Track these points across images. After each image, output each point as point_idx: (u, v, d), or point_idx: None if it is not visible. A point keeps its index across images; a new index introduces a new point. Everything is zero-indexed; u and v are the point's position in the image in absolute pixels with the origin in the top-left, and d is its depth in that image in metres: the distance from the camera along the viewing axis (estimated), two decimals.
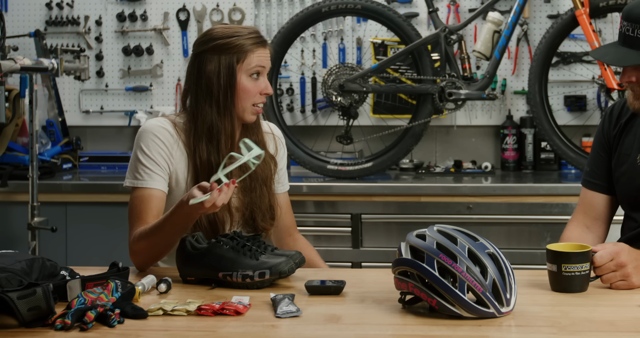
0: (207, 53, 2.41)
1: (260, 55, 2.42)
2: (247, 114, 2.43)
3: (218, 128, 2.40)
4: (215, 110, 2.40)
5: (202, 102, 2.42)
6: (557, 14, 4.18)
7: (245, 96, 2.41)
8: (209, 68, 2.41)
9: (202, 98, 2.42)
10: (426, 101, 3.94)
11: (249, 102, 2.42)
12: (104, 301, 1.85)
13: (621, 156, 2.43)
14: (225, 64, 2.40)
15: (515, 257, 3.50)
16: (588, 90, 4.19)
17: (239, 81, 2.40)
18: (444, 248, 1.84)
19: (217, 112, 2.40)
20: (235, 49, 2.39)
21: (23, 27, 4.44)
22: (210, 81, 2.40)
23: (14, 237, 3.88)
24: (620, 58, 2.28)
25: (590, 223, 2.48)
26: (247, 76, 2.41)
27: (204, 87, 2.41)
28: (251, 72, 2.41)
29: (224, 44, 2.40)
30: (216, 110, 2.40)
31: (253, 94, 2.42)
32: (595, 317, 1.85)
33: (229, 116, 2.41)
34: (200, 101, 2.42)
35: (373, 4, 3.93)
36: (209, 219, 2.38)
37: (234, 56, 2.40)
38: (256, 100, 2.43)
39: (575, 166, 3.90)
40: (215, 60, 2.40)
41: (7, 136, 4.08)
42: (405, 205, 3.74)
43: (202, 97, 2.42)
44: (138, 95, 4.44)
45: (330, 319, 1.86)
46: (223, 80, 2.40)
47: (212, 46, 2.41)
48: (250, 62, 2.40)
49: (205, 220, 2.38)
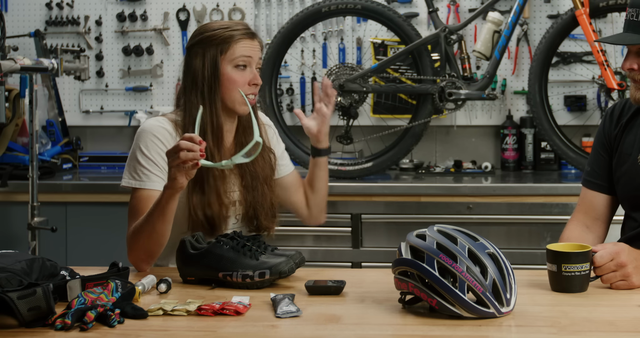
0: (194, 47, 2.44)
1: (245, 45, 2.42)
2: (238, 105, 2.43)
3: (204, 120, 2.40)
4: (200, 101, 2.41)
5: (189, 95, 2.44)
6: (557, 14, 4.18)
7: (231, 86, 2.41)
8: (195, 61, 2.43)
9: (189, 91, 2.44)
10: (426, 101, 3.94)
11: (237, 93, 2.42)
12: (104, 301, 1.85)
13: (622, 155, 2.43)
14: (209, 56, 2.41)
15: (515, 257, 3.50)
16: (588, 90, 4.19)
17: (223, 72, 2.41)
18: (444, 248, 1.84)
19: (202, 104, 2.40)
20: (219, 41, 2.41)
21: (23, 27, 4.44)
22: (196, 73, 2.43)
23: (14, 237, 3.88)
24: (623, 39, 2.29)
25: (590, 223, 2.48)
26: (232, 67, 2.42)
27: (190, 80, 2.43)
28: (236, 63, 2.41)
29: (209, 36, 2.42)
30: (202, 101, 2.41)
31: (240, 85, 2.42)
32: (595, 317, 1.85)
33: (214, 107, 2.41)
34: (188, 94, 2.44)
35: (373, 4, 3.93)
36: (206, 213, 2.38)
37: (217, 48, 2.41)
38: (246, 90, 2.42)
39: (575, 166, 3.90)
40: (200, 53, 2.42)
41: (7, 136, 4.08)
42: (405, 205, 3.74)
43: (189, 91, 2.44)
44: (138, 95, 4.44)
45: (330, 319, 1.86)
46: (207, 72, 2.41)
47: (198, 40, 2.44)
48: (234, 53, 2.41)
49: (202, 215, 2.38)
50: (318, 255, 3.73)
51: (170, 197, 2.22)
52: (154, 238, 2.28)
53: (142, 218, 2.29)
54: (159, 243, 2.30)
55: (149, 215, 2.26)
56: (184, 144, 2.11)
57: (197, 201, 2.39)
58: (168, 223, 2.27)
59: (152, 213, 2.25)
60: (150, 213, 2.26)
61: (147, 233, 2.27)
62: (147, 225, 2.26)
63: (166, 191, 2.21)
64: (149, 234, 2.27)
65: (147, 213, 2.27)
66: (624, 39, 2.30)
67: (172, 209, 2.25)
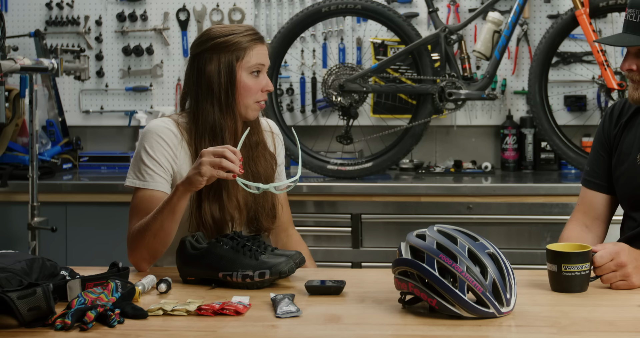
0: (206, 53, 2.42)
1: (259, 52, 2.43)
2: (250, 111, 2.44)
3: (221, 126, 2.41)
4: (217, 108, 2.41)
5: (203, 102, 2.42)
6: (557, 14, 4.18)
7: (246, 93, 2.42)
8: (209, 68, 2.41)
9: (204, 98, 2.42)
10: (426, 101, 3.94)
11: (251, 100, 2.43)
12: (104, 301, 1.85)
13: (621, 155, 2.43)
14: (225, 63, 2.40)
15: (515, 257, 3.50)
16: (588, 90, 4.19)
17: (239, 79, 2.41)
18: (444, 248, 1.84)
19: (219, 110, 2.41)
20: (234, 47, 2.40)
21: (23, 27, 4.44)
22: (210, 80, 2.41)
23: (14, 237, 3.88)
24: (622, 40, 2.29)
25: (590, 223, 2.48)
26: (248, 74, 2.42)
27: (204, 87, 2.42)
28: (252, 70, 2.42)
29: (222, 42, 2.40)
30: (218, 108, 2.41)
31: (254, 92, 2.43)
32: (595, 317, 1.85)
33: (231, 113, 2.42)
34: (202, 100, 2.42)
35: (373, 4, 3.93)
36: (215, 218, 2.38)
37: (233, 54, 2.40)
38: (258, 97, 2.44)
39: (575, 166, 3.90)
40: (214, 59, 2.41)
41: (7, 136, 4.08)
42: (405, 205, 3.74)
43: (203, 97, 2.42)
44: (138, 95, 4.44)
45: (330, 319, 1.86)
46: (224, 78, 2.40)
47: (210, 46, 2.41)
48: (250, 60, 2.41)
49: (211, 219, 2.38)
50: (318, 255, 3.72)
51: (183, 195, 2.23)
52: (161, 237, 2.28)
53: (150, 216, 2.29)
54: (164, 243, 2.30)
55: (158, 212, 2.26)
56: (229, 153, 2.16)
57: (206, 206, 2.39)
58: (176, 222, 2.27)
59: (162, 210, 2.26)
60: (159, 210, 2.26)
61: (154, 231, 2.27)
62: (154, 223, 2.27)
63: (180, 188, 2.22)
64: (156, 232, 2.27)
65: (156, 211, 2.27)
66: (622, 40, 2.30)
67: (182, 208, 2.26)
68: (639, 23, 2.25)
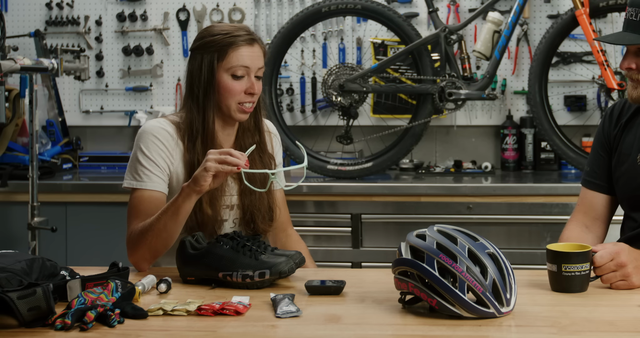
0: (195, 51, 2.43)
1: (244, 54, 2.38)
2: (235, 112, 2.42)
3: (197, 126, 2.40)
4: (195, 108, 2.41)
5: (187, 100, 2.43)
6: (557, 14, 4.18)
7: (227, 94, 2.39)
8: (193, 66, 2.42)
9: (187, 96, 2.44)
10: (426, 101, 3.94)
11: (233, 101, 2.40)
12: (104, 301, 1.85)
13: (621, 155, 2.43)
14: (206, 62, 2.39)
15: (515, 257, 3.50)
16: (588, 90, 4.19)
17: (218, 80, 2.39)
18: (444, 248, 1.84)
19: (196, 110, 2.40)
20: (217, 47, 2.38)
21: (23, 27, 4.44)
22: (192, 79, 2.41)
23: (14, 237, 3.88)
24: (622, 38, 2.29)
25: (590, 223, 2.48)
26: (228, 75, 2.39)
27: (188, 85, 2.43)
28: (232, 72, 2.38)
29: (208, 42, 2.39)
30: (196, 108, 2.40)
31: (235, 93, 2.39)
32: (595, 317, 1.85)
33: (210, 114, 2.40)
34: (186, 98, 2.44)
35: (373, 4, 3.93)
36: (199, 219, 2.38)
37: (214, 54, 2.38)
38: (241, 99, 2.40)
39: (575, 166, 3.90)
40: (198, 58, 2.41)
41: (7, 136, 4.08)
42: (405, 205, 3.74)
43: (187, 96, 2.44)
44: (138, 95, 4.44)
45: (330, 319, 1.86)
46: (203, 78, 2.39)
47: (198, 44, 2.42)
48: (230, 61, 2.38)
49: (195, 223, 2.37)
50: (318, 255, 3.72)
51: (188, 196, 2.22)
52: (163, 237, 2.28)
53: (154, 217, 2.28)
54: (165, 244, 2.30)
55: (162, 213, 2.26)
56: (234, 152, 2.16)
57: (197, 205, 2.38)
58: (180, 223, 2.27)
59: (166, 211, 2.25)
60: (164, 211, 2.26)
61: (156, 231, 2.27)
62: (158, 223, 2.26)
63: (185, 188, 2.22)
64: (158, 232, 2.27)
65: (161, 211, 2.27)
66: (622, 39, 2.30)
67: (186, 210, 2.25)
68: (639, 22, 2.25)
